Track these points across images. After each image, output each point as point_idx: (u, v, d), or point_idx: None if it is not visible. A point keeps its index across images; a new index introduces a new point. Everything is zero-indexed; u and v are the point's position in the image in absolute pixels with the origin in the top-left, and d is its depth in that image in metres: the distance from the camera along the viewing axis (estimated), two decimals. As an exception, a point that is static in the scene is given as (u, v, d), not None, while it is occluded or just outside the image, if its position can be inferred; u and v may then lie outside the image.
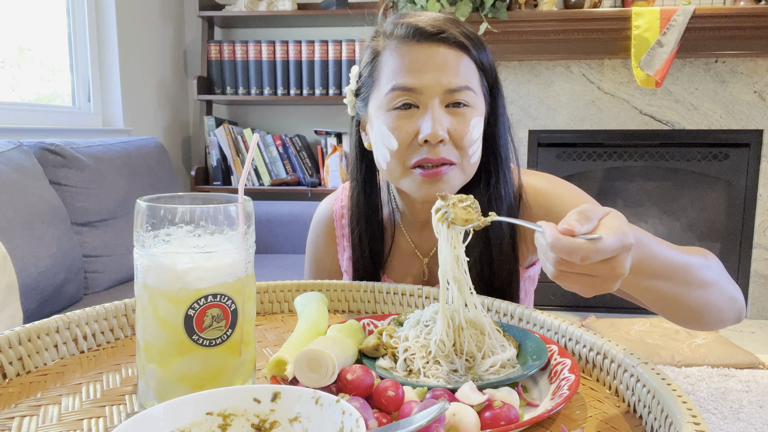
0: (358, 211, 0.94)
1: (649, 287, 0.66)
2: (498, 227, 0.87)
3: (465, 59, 0.81)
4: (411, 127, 0.80)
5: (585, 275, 0.52)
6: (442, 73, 0.79)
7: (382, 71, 0.84)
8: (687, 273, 0.68)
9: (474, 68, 0.83)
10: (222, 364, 0.52)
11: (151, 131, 2.85)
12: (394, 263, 0.97)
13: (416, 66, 0.80)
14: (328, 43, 2.86)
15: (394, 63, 0.82)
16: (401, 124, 0.81)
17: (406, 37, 0.81)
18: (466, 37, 0.82)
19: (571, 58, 2.82)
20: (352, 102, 0.93)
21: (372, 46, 0.87)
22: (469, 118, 0.81)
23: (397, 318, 0.71)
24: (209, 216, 0.51)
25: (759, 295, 2.97)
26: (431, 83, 0.79)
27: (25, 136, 2.08)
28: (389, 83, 0.81)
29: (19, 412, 0.54)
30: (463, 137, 0.80)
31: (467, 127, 0.81)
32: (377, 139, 0.85)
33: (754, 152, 2.89)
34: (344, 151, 2.92)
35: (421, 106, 0.81)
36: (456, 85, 0.80)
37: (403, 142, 0.81)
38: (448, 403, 0.44)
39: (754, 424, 1.89)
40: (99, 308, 0.71)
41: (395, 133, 0.81)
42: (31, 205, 1.65)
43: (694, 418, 0.46)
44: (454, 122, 0.80)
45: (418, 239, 0.96)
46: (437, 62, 0.80)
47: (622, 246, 0.50)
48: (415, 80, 0.80)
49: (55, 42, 2.43)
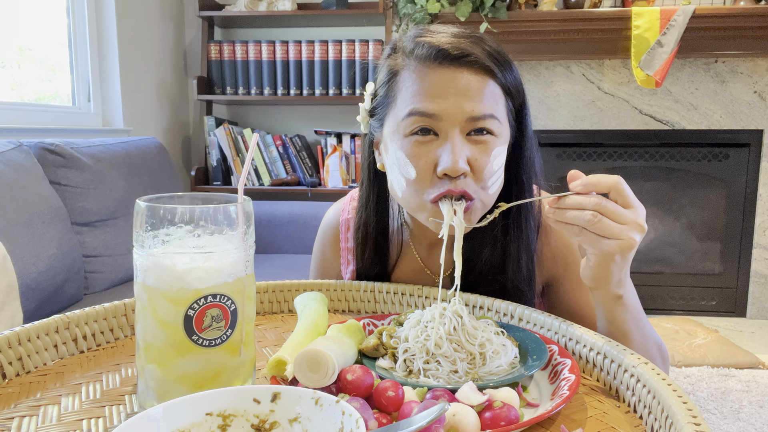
0: (365, 230, 0.92)
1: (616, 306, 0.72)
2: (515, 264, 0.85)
3: (490, 83, 0.75)
4: (430, 156, 0.75)
5: (613, 222, 0.64)
6: (465, 99, 0.73)
7: (400, 93, 0.78)
8: (643, 325, 0.76)
9: (500, 92, 0.77)
10: (222, 364, 0.52)
11: (151, 131, 2.85)
12: (401, 279, 0.95)
13: (437, 90, 0.74)
14: (328, 43, 2.86)
15: (413, 85, 0.76)
16: (420, 152, 0.75)
17: (427, 59, 0.75)
18: (491, 59, 0.75)
19: (571, 58, 2.82)
20: (366, 120, 0.87)
21: (389, 64, 0.81)
22: (491, 147, 0.75)
23: (397, 318, 0.71)
24: (209, 216, 0.51)
25: (759, 295, 2.97)
26: (453, 110, 0.73)
27: (25, 136, 2.08)
28: (407, 107, 0.76)
29: (19, 412, 0.54)
30: (483, 168, 0.75)
31: (488, 157, 0.75)
32: (393, 165, 0.79)
33: (754, 152, 2.89)
34: (344, 151, 2.92)
35: (441, 134, 0.75)
36: (479, 113, 0.74)
37: (422, 172, 0.75)
38: (448, 404, 0.44)
39: (754, 424, 1.89)
40: (99, 308, 0.71)
41: (413, 161, 0.75)
42: (31, 205, 1.65)
43: (694, 419, 0.46)
44: (475, 152, 0.75)
45: (426, 256, 0.94)
46: (460, 87, 0.74)
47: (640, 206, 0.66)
48: (435, 105, 0.74)
49: (55, 42, 2.43)
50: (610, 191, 0.65)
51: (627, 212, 0.65)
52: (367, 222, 0.92)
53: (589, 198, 0.64)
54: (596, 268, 0.68)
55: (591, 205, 0.64)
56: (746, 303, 3.00)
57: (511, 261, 0.85)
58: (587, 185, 0.65)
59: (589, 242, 0.66)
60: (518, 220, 0.85)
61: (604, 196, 0.65)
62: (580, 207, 0.64)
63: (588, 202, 0.64)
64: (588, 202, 0.64)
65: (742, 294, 3.00)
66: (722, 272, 3.02)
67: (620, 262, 0.67)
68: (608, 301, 0.71)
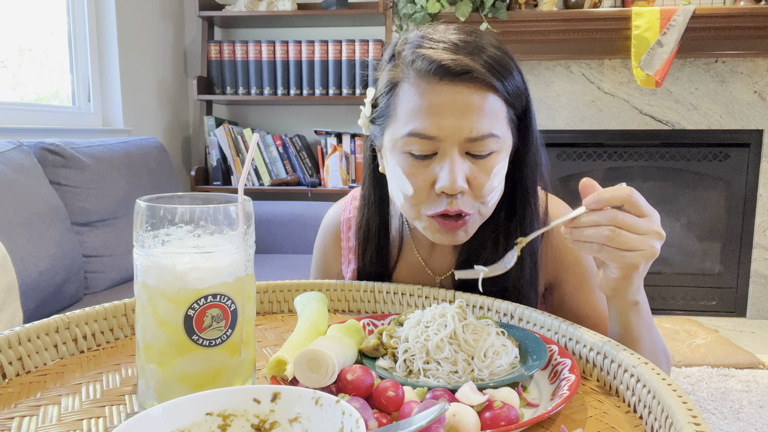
0: (367, 229, 0.92)
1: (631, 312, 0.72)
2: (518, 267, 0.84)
3: (490, 98, 0.74)
4: (428, 174, 0.75)
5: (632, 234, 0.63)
6: (464, 119, 0.72)
7: (400, 105, 0.77)
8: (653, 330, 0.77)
9: (501, 105, 0.76)
10: (222, 364, 0.52)
11: (151, 131, 2.85)
12: (402, 279, 0.95)
13: (436, 109, 0.73)
14: (328, 43, 2.86)
15: (412, 101, 0.75)
16: (417, 170, 0.75)
17: (427, 74, 0.74)
18: (492, 72, 0.74)
19: (571, 58, 2.82)
20: (367, 125, 0.87)
21: (390, 75, 0.79)
22: (491, 165, 0.75)
23: (397, 318, 0.71)
24: (209, 216, 0.51)
25: (759, 295, 2.97)
26: (451, 131, 0.72)
27: (25, 136, 2.08)
28: (406, 126, 0.75)
29: (19, 412, 0.54)
30: (482, 186, 0.75)
31: (488, 175, 0.75)
32: (392, 177, 0.80)
33: (754, 152, 2.89)
34: (344, 151, 2.92)
35: (440, 152, 0.74)
36: (478, 133, 0.73)
37: (419, 189, 0.76)
38: (448, 404, 0.44)
39: (754, 424, 1.89)
40: (99, 308, 0.71)
41: (411, 179, 0.76)
42: (31, 205, 1.65)
43: (694, 419, 0.46)
44: (475, 170, 0.74)
45: (428, 256, 0.94)
46: (459, 106, 0.72)
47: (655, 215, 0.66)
48: (434, 127, 0.73)
49: (55, 42, 2.43)
50: (624, 204, 0.64)
51: (643, 222, 0.64)
52: (369, 221, 0.92)
53: (604, 213, 0.64)
54: (619, 280, 0.67)
55: (607, 220, 0.63)
56: (746, 303, 3.00)
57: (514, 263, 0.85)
58: (600, 201, 0.64)
59: (611, 258, 0.65)
60: (522, 222, 0.84)
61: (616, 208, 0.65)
62: (596, 224, 0.64)
63: (603, 217, 0.63)
64: (603, 217, 0.63)
65: (742, 294, 3.00)
66: (722, 272, 3.02)
67: (642, 271, 0.67)
68: (624, 307, 0.71)
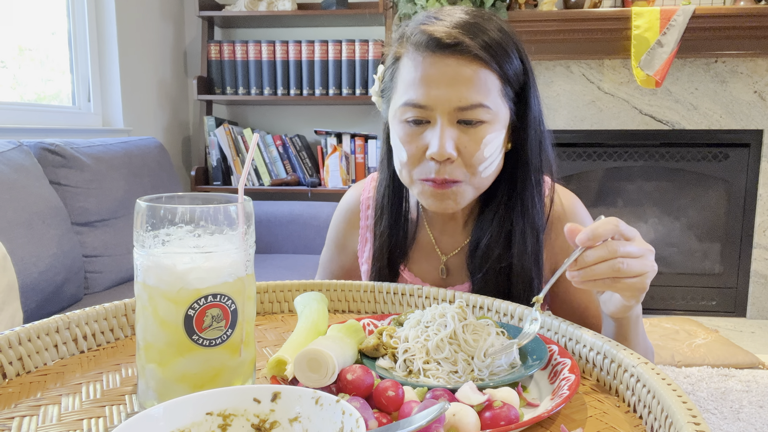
0: (383, 203, 0.95)
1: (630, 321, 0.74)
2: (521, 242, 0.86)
3: (482, 72, 0.77)
4: (420, 141, 0.80)
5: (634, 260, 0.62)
6: (454, 89, 0.77)
7: (399, 78, 0.83)
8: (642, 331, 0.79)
9: (494, 79, 0.79)
10: (222, 364, 0.52)
11: (151, 131, 2.85)
12: (415, 256, 0.97)
13: (428, 80, 0.78)
14: (328, 43, 2.86)
15: (408, 73, 0.81)
16: (411, 138, 0.81)
17: (421, 46, 0.79)
18: (485, 49, 0.77)
19: (571, 58, 2.82)
20: (379, 101, 0.93)
21: (395, 49, 0.86)
22: (481, 135, 0.79)
23: (397, 318, 0.71)
24: (209, 216, 0.51)
25: (759, 295, 2.97)
26: (442, 100, 0.77)
27: (25, 136, 2.08)
28: (403, 96, 0.81)
29: (19, 412, 0.54)
30: (472, 155, 0.79)
31: (478, 145, 0.79)
32: (393, 146, 0.86)
33: (754, 152, 2.89)
34: (344, 151, 2.92)
35: (432, 121, 0.79)
36: (467, 102, 0.77)
37: (412, 156, 0.81)
38: (448, 403, 0.44)
39: (754, 424, 1.89)
40: (99, 308, 0.71)
41: (406, 146, 0.81)
42: (31, 205, 1.65)
43: (694, 418, 0.46)
44: (465, 139, 0.79)
45: (439, 235, 0.97)
46: (449, 77, 0.77)
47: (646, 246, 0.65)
48: (425, 96, 0.78)
49: (55, 42, 2.43)
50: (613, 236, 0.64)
51: (636, 245, 0.64)
52: (385, 195, 0.95)
53: (605, 247, 0.63)
54: (627, 305, 0.68)
55: (609, 253, 0.62)
56: (746, 303, 3.00)
57: (517, 238, 0.86)
58: (596, 237, 0.63)
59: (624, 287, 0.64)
60: (522, 197, 0.86)
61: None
62: (602, 259, 0.63)
63: (606, 251, 0.62)
64: (606, 251, 0.62)
65: (742, 294, 3.00)
66: (722, 272, 3.02)
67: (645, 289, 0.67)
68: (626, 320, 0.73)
